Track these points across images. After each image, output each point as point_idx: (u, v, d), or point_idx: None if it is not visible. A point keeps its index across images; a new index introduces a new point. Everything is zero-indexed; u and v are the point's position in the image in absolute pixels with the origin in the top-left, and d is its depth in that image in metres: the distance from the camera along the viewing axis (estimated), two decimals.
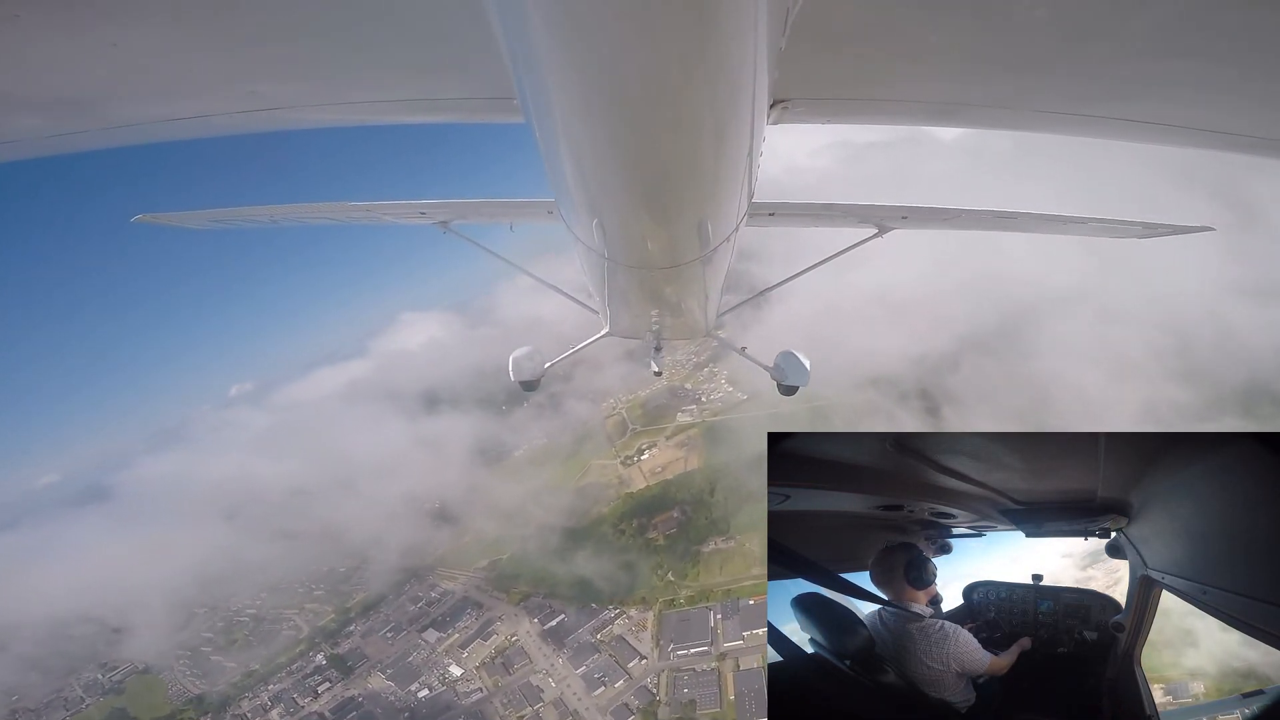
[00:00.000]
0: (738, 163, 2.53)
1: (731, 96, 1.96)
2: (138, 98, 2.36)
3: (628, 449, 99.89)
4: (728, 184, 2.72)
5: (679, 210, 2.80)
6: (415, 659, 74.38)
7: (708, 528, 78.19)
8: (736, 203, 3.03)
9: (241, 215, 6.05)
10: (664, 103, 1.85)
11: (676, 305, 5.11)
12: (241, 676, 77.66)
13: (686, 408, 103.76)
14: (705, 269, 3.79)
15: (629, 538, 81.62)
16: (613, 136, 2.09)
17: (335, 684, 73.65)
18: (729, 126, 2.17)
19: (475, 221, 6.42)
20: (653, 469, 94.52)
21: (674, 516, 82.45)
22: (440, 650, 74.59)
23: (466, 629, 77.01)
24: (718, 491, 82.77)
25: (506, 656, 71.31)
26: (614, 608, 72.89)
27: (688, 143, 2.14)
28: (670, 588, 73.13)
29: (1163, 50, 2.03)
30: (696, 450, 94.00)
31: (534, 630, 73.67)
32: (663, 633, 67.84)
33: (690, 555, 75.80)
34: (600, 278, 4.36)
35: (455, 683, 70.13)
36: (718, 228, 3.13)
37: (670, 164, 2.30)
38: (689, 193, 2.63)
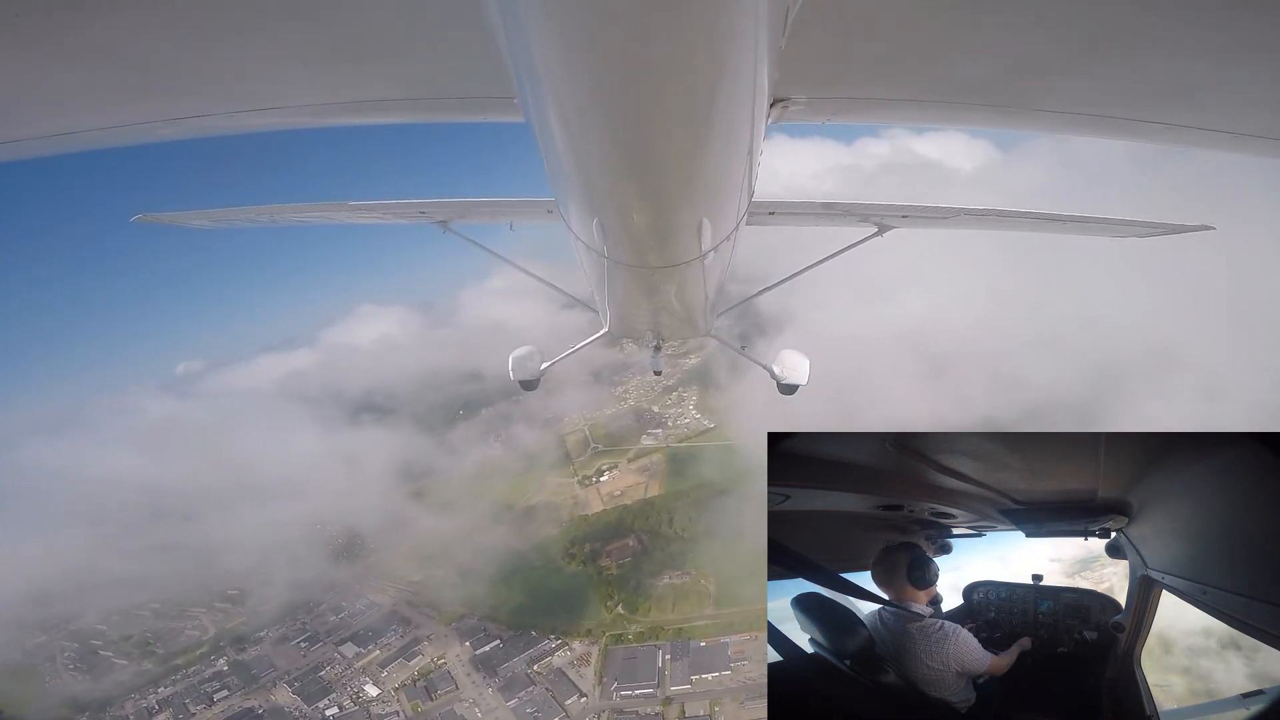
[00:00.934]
0: (738, 162, 2.53)
1: (731, 95, 1.96)
2: (138, 98, 2.36)
3: (587, 469, 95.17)
4: (728, 183, 2.72)
5: (679, 209, 2.80)
6: (328, 674, 67.63)
7: (664, 560, 73.72)
8: (736, 202, 3.03)
9: (241, 215, 6.05)
10: (664, 101, 1.85)
11: (676, 304, 5.11)
12: (132, 676, 70.84)
13: (652, 431, 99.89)
14: (705, 268, 3.79)
15: (580, 563, 76.79)
16: (612, 135, 2.09)
17: (234, 693, 66.57)
18: (729, 125, 2.17)
19: (475, 221, 6.42)
20: (611, 492, 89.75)
21: (629, 545, 77.36)
22: (358, 667, 67.90)
23: (389, 646, 70.15)
24: (677, 522, 78.65)
25: (430, 680, 64.96)
26: (556, 637, 67.38)
27: (688, 141, 2.14)
28: (619, 621, 68.12)
29: (1163, 50, 2.03)
30: (658, 477, 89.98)
31: (464, 654, 67.42)
32: (607, 669, 62.53)
33: (643, 588, 71.12)
34: (600, 277, 4.36)
35: (370, 703, 63.48)
36: (718, 227, 3.13)
37: (670, 163, 2.29)
38: (689, 192, 2.62)
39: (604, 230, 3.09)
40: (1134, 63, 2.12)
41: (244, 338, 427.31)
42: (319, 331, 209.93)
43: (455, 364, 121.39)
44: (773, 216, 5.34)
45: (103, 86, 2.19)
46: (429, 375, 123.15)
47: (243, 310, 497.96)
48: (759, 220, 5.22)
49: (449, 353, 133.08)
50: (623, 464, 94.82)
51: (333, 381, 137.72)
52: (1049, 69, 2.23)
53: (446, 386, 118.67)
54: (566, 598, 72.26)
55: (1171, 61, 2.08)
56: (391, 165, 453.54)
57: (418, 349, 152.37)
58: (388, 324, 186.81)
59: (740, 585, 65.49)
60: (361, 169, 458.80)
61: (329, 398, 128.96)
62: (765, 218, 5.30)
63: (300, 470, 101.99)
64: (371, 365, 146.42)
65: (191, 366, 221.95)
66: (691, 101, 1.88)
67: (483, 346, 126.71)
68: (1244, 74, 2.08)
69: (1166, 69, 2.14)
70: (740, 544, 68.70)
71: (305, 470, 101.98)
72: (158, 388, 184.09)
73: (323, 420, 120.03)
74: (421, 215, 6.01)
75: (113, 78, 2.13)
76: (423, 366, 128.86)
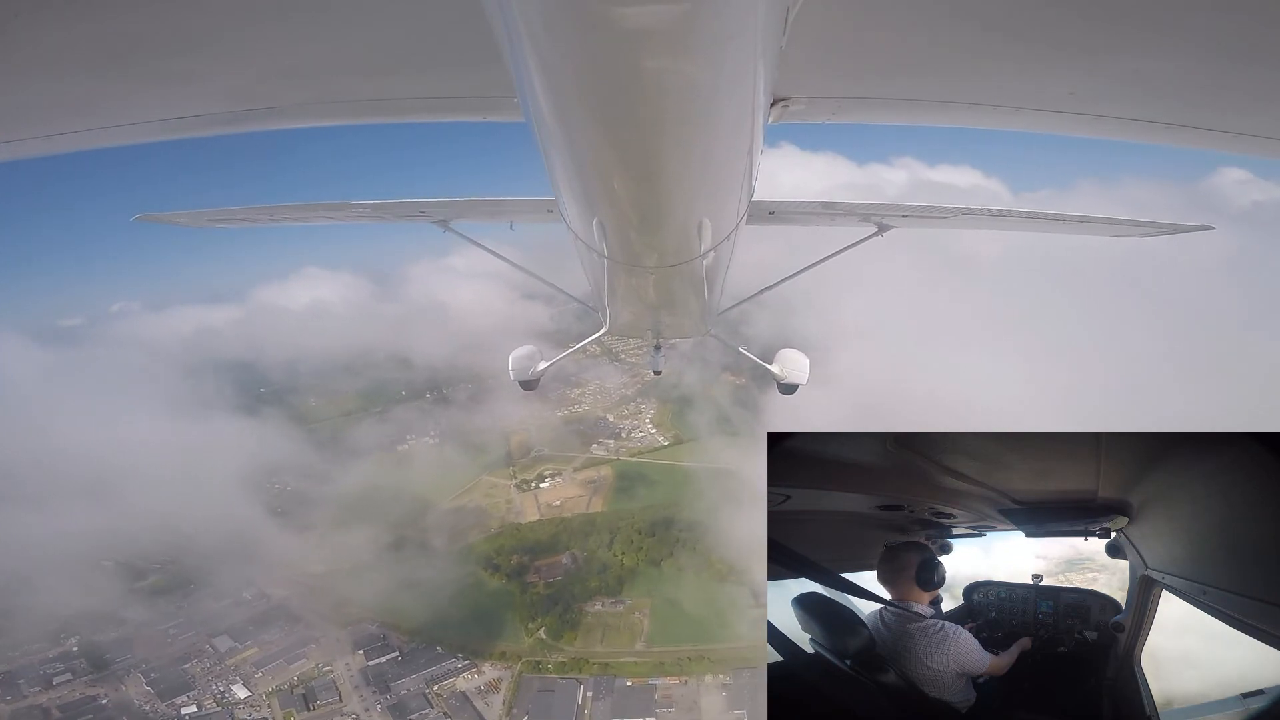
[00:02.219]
0: (738, 162, 2.53)
1: (732, 95, 1.96)
2: (138, 98, 2.36)
3: (527, 472, 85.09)
4: (728, 183, 2.72)
5: (678, 208, 2.80)
6: (194, 668, 58.09)
7: (598, 585, 65.82)
8: (736, 202, 3.03)
9: (241, 215, 6.06)
10: (664, 101, 1.85)
11: (676, 304, 5.11)
12: None
13: (603, 441, 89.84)
14: (705, 268, 3.79)
15: (503, 577, 68.12)
16: (613, 135, 2.09)
17: (79, 677, 56.81)
18: (729, 125, 2.17)
19: (475, 220, 6.42)
20: (550, 502, 79.99)
21: (562, 563, 69.04)
22: (229, 663, 58.60)
23: (270, 644, 60.40)
24: (618, 544, 69.71)
25: (311, 688, 56.21)
26: (464, 658, 58.99)
27: (688, 141, 2.14)
28: (539, 648, 60.27)
29: (1162, 50, 2.03)
30: (603, 492, 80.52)
31: (356, 664, 58.68)
32: (517, 701, 54.67)
33: (571, 614, 62.94)
34: (600, 276, 4.36)
35: (235, 706, 54.78)
36: (718, 226, 3.13)
37: (670, 162, 2.29)
38: (689, 191, 2.62)
39: (604, 230, 3.09)
40: (1133, 63, 2.13)
41: (174, 285, 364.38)
42: (252, 288, 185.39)
43: (389, 344, 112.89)
44: (773, 216, 5.34)
45: (103, 86, 2.19)
46: (360, 353, 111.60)
47: (178, 255, 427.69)
48: (759, 220, 5.22)
49: (385, 330, 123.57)
50: (567, 472, 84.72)
51: (247, 347, 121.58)
52: (1048, 69, 2.23)
53: (372, 369, 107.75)
54: (483, 614, 63.89)
55: (1171, 61, 2.08)
56: (392, 165, 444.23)
57: (357, 321, 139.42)
58: (330, 289, 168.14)
59: (678, 624, 60.43)
60: (361, 169, 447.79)
61: (234, 366, 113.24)
62: (765, 218, 5.30)
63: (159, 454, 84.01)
64: (295, 333, 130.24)
65: (129, 306, 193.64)
66: (691, 101, 1.88)
67: (422, 327, 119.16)
68: (1244, 74, 2.08)
69: (1166, 69, 2.14)
70: (683, 579, 64.43)
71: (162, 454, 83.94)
72: (30, 337, 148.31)
73: (202, 391, 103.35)
74: (421, 215, 6.02)
75: (113, 78, 2.13)
76: (353, 342, 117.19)
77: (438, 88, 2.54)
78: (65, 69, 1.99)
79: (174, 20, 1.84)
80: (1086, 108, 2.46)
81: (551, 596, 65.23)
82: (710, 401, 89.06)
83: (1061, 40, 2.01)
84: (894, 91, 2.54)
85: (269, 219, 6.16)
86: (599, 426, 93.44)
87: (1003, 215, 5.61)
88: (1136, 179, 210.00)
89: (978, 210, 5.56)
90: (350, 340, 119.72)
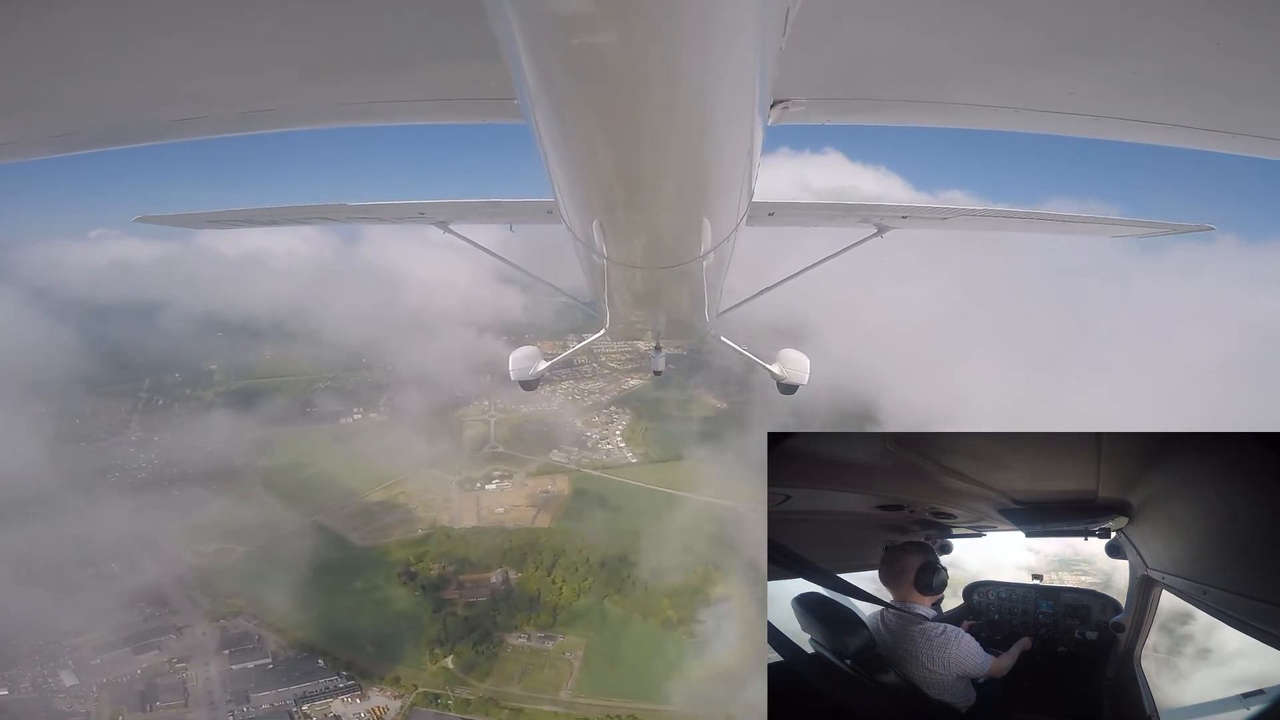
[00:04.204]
0: (737, 163, 2.53)
1: (731, 96, 1.96)
2: (139, 98, 2.36)
3: (475, 470, 74.19)
4: (728, 184, 2.72)
5: (679, 210, 2.80)
6: (19, 645, 48.92)
7: (527, 613, 56.47)
8: (736, 203, 3.03)
9: (241, 216, 6.07)
10: (664, 103, 1.85)
11: (676, 305, 5.11)
12: None
13: (565, 448, 78.84)
14: (705, 269, 3.79)
15: (418, 588, 57.89)
16: (612, 136, 2.09)
17: None
18: (729, 126, 2.17)
19: (475, 221, 6.43)
20: (494, 507, 68.89)
21: (491, 581, 59.12)
22: (65, 646, 49.61)
23: (121, 629, 51.32)
24: (560, 569, 60.23)
25: (154, 686, 47.86)
26: (349, 677, 49.56)
27: (687, 143, 2.14)
28: (443, 678, 50.86)
29: (1162, 50, 2.03)
30: (554, 506, 69.47)
31: (219, 665, 49.95)
32: None
33: (489, 644, 53.62)
34: (600, 277, 4.36)
35: (56, 694, 46.66)
36: (718, 228, 3.13)
37: (670, 164, 2.30)
38: (689, 193, 2.63)
39: (604, 231, 3.09)
40: (1133, 63, 2.13)
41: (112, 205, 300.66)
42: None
43: (348, 306, 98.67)
44: (772, 217, 5.34)
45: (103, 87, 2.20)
46: (316, 312, 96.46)
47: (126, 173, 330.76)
48: (759, 221, 5.23)
49: (337, 288, 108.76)
50: (519, 476, 74.00)
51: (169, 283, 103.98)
52: (1048, 69, 2.23)
53: (326, 331, 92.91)
54: (383, 629, 54.05)
55: (1171, 61, 2.09)
56: (391, 165, 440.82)
57: (302, 273, 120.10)
58: (284, 233, 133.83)
59: (612, 675, 51.92)
60: (361, 169, 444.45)
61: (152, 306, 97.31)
62: (765, 218, 5.30)
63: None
64: (232, 278, 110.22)
65: (108, 233, 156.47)
66: (691, 102, 1.89)
67: (343, 293, 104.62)
68: (1241, 73, 2.09)
69: (1165, 69, 2.14)
70: (628, 623, 55.68)
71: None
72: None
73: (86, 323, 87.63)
74: (421, 216, 6.03)
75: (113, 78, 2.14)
76: (312, 301, 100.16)
77: (437, 90, 2.55)
78: (65, 70, 2.00)
79: (174, 21, 1.85)
80: (1086, 108, 2.46)
81: (470, 620, 55.41)
82: (688, 422, 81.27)
83: (1061, 40, 2.02)
84: (894, 93, 2.55)
85: (269, 220, 6.17)
86: (564, 430, 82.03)
87: (1002, 216, 5.62)
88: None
89: (977, 211, 5.56)
90: (311, 298, 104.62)
